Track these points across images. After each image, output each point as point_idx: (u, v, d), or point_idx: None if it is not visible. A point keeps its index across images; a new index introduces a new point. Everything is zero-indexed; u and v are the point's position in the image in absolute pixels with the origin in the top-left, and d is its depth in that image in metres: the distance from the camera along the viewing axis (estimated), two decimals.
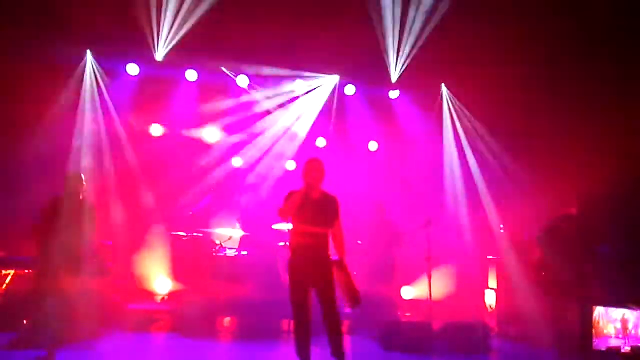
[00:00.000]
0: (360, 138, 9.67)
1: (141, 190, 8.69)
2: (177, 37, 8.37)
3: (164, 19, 8.17)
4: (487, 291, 7.90)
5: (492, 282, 7.81)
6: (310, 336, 5.00)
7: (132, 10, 7.93)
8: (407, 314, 8.48)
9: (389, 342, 6.44)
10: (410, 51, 8.64)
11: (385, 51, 8.71)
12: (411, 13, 8.30)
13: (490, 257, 7.95)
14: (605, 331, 6.28)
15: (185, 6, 8.12)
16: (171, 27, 8.27)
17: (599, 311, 6.31)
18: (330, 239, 5.12)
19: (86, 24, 7.90)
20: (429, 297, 7.28)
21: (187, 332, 6.85)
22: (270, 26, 8.18)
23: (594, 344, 6.23)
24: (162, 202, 8.78)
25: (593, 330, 6.26)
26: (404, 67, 8.86)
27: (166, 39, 8.40)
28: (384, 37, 8.52)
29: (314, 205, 5.03)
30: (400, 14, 8.33)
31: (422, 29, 8.39)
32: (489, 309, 7.78)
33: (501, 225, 8.12)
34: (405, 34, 8.49)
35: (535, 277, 6.76)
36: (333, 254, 5.14)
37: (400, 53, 8.69)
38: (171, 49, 8.48)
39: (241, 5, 8.05)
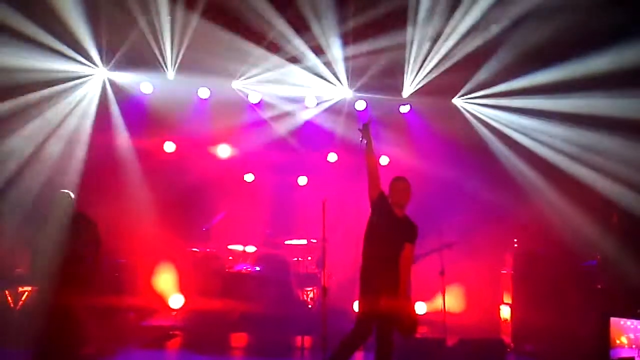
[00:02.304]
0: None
1: (154, 207, 8.73)
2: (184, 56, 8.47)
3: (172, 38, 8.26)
4: (502, 307, 7.81)
5: (507, 298, 7.73)
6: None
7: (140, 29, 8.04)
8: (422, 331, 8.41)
9: (404, 358, 6.38)
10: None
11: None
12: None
13: (504, 271, 7.88)
14: (617, 342, 6.21)
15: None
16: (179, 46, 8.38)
17: (613, 322, 6.27)
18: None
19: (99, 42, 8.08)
20: (443, 312, 7.23)
21: (200, 349, 6.85)
22: None
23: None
24: (176, 219, 8.81)
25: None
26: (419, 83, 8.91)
27: (176, 58, 8.51)
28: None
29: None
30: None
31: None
32: (505, 325, 7.69)
33: (515, 240, 8.04)
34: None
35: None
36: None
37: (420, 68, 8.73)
38: (182, 68, 8.61)
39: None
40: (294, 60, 8.45)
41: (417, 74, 8.74)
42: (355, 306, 5.84)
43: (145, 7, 7.61)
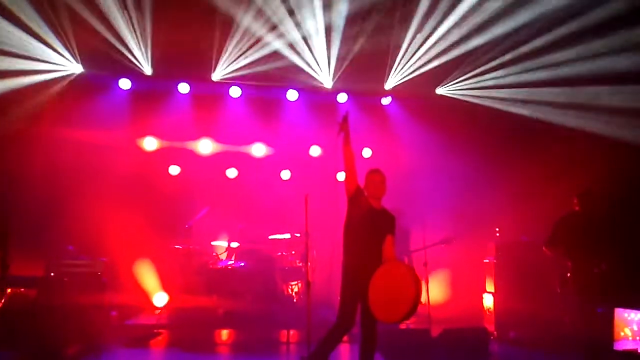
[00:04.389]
0: (355, 145, 9.65)
1: (137, 204, 8.64)
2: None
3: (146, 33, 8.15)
4: (485, 295, 7.90)
5: (490, 286, 7.82)
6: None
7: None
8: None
9: (389, 350, 6.42)
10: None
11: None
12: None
13: (487, 260, 7.96)
14: (622, 334, 6.20)
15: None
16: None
17: (617, 313, 6.23)
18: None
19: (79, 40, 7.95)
20: (427, 303, 7.28)
21: (185, 347, 6.82)
22: None
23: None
24: (158, 215, 8.74)
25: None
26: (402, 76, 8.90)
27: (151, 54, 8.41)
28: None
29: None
30: None
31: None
32: (488, 313, 7.77)
33: (497, 229, 8.13)
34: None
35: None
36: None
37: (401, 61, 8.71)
38: (160, 63, 8.50)
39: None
40: (275, 50, 8.33)
41: (401, 66, 8.74)
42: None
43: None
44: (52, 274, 7.06)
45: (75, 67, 8.45)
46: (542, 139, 8.41)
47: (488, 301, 7.80)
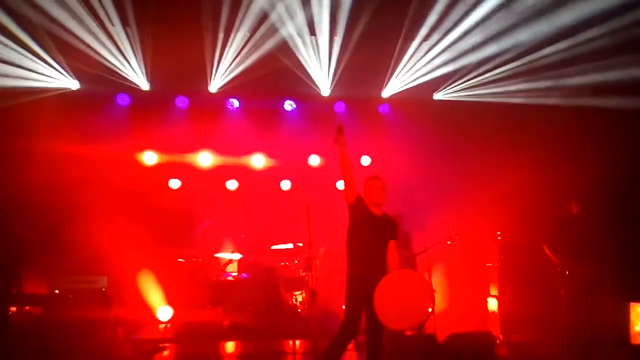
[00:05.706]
0: (353, 153, 9.68)
1: (138, 219, 8.64)
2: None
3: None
4: (489, 299, 7.90)
5: (494, 290, 7.82)
6: None
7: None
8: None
9: (395, 357, 6.41)
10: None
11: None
12: None
13: (490, 264, 7.97)
14: (637, 328, 6.21)
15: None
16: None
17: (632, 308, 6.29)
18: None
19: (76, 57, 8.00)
20: (431, 309, 7.26)
21: None
22: None
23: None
24: (160, 229, 8.74)
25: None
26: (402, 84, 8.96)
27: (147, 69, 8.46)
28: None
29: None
30: None
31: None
32: (492, 317, 7.77)
33: (498, 232, 8.14)
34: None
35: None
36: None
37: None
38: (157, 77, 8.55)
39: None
40: (271, 59, 8.38)
41: (401, 74, 8.82)
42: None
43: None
44: (56, 291, 7.04)
45: (71, 83, 8.49)
46: (545, 142, 8.47)
47: (492, 305, 7.80)
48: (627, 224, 7.13)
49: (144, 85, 8.65)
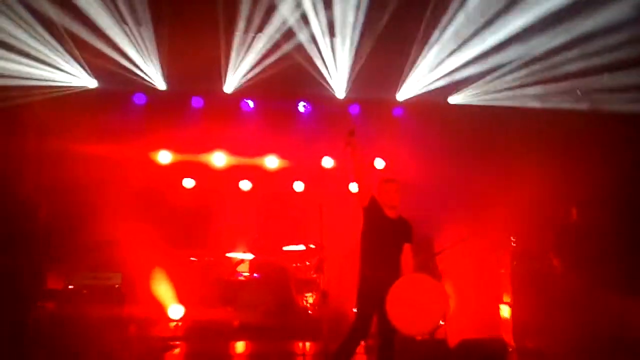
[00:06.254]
0: (367, 156, 9.68)
1: (152, 217, 8.71)
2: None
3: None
4: (501, 306, 7.83)
5: (506, 297, 7.75)
6: None
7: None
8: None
9: None
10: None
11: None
12: None
13: (503, 270, 7.90)
14: None
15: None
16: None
17: None
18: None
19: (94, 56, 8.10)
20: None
21: (201, 359, 6.82)
22: None
23: None
24: (173, 228, 8.79)
25: None
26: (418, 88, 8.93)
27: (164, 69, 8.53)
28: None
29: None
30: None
31: None
32: (504, 324, 7.70)
33: (512, 238, 8.07)
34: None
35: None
36: None
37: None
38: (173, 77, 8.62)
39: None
40: (287, 60, 8.39)
41: (413, 77, 8.79)
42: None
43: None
44: (71, 287, 7.12)
45: (90, 82, 8.59)
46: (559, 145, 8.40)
47: (505, 312, 7.74)
48: None
49: (161, 85, 8.73)
